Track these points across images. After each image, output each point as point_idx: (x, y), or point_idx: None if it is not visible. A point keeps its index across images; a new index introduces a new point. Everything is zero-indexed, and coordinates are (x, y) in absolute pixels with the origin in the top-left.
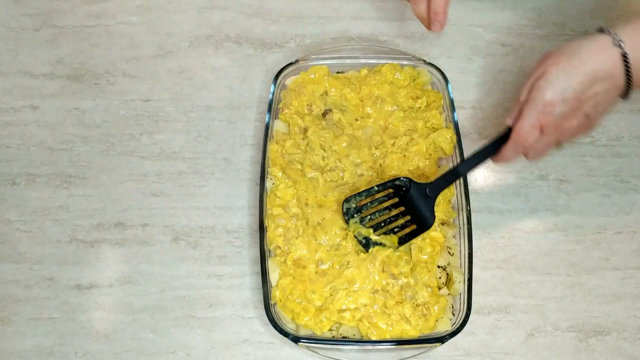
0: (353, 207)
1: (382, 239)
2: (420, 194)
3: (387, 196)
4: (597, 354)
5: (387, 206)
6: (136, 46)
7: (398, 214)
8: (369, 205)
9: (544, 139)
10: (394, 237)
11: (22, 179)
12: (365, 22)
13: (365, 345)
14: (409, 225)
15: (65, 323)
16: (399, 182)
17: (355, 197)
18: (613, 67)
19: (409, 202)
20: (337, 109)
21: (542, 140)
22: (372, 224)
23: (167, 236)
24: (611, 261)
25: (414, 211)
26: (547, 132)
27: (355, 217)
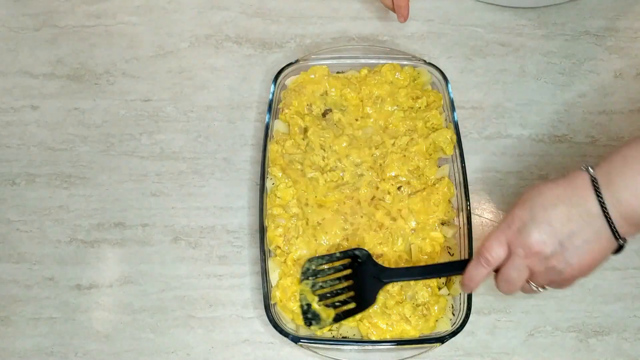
0: (312, 269)
1: (321, 310)
2: (373, 273)
3: (344, 265)
4: (597, 354)
5: (339, 277)
6: (136, 46)
7: (345, 287)
8: (325, 271)
9: (513, 263)
10: (332, 311)
11: (22, 179)
12: (365, 22)
13: (365, 345)
14: (350, 301)
15: (65, 323)
16: (358, 252)
17: (316, 260)
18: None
19: (359, 276)
20: (337, 109)
21: (511, 265)
22: (321, 292)
23: (167, 236)
24: (611, 261)
25: (360, 286)
26: (515, 252)
27: (310, 279)
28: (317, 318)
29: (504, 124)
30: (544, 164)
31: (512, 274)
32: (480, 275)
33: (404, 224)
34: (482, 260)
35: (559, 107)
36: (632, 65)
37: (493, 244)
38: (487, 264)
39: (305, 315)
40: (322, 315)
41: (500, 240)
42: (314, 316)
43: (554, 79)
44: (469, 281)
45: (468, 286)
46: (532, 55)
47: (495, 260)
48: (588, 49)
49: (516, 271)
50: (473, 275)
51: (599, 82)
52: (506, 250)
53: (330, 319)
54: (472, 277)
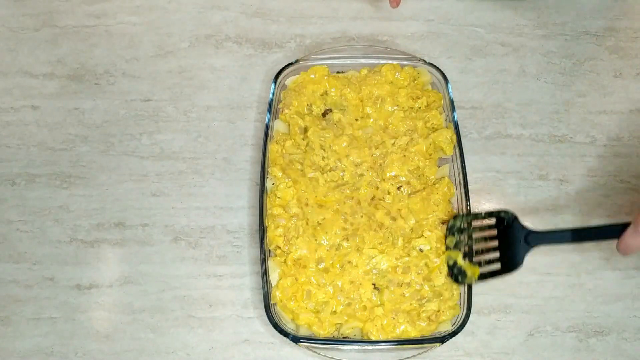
0: (457, 226)
1: (467, 266)
2: (520, 235)
3: (489, 226)
4: (597, 354)
5: (484, 236)
6: (136, 46)
7: (490, 247)
8: (470, 230)
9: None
10: (477, 269)
11: (22, 179)
12: (365, 22)
13: (365, 345)
14: (494, 261)
15: (65, 323)
16: (504, 214)
17: (462, 217)
18: None
19: (505, 238)
20: (337, 109)
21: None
22: (466, 249)
23: (167, 236)
24: (611, 261)
25: (505, 248)
26: None
27: (455, 235)
28: (463, 274)
29: (504, 124)
30: (544, 164)
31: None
32: (636, 244)
33: (403, 224)
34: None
35: (559, 107)
36: (632, 65)
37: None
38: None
39: (451, 270)
40: (468, 272)
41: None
42: (460, 272)
43: (554, 79)
44: (625, 248)
45: (623, 252)
46: (532, 55)
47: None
48: (588, 49)
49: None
50: (629, 243)
51: (599, 82)
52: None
53: (475, 277)
54: (628, 245)
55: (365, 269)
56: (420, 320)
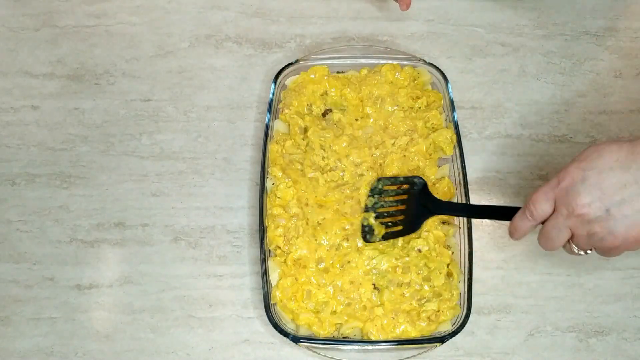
0: (378, 188)
1: (376, 225)
2: (426, 202)
3: (403, 190)
4: (597, 354)
5: (396, 200)
6: (136, 46)
7: (399, 210)
8: (388, 192)
9: (554, 221)
10: (383, 229)
11: (22, 179)
12: (365, 22)
13: (365, 345)
14: (399, 223)
15: (65, 323)
16: (417, 180)
17: (384, 180)
18: None
19: (412, 202)
20: (337, 109)
21: (553, 222)
22: (381, 210)
23: (167, 236)
24: (611, 261)
25: (411, 212)
26: (558, 210)
27: (375, 197)
28: (372, 232)
29: (504, 124)
30: (544, 164)
31: (552, 232)
32: (524, 227)
33: None
34: (527, 213)
35: (559, 107)
36: (632, 65)
37: (539, 198)
38: (531, 217)
39: (363, 228)
40: (375, 231)
41: (547, 195)
42: (370, 230)
43: (554, 79)
44: (514, 230)
45: (513, 235)
46: (532, 55)
47: (540, 215)
48: (588, 49)
49: (556, 230)
50: (518, 225)
51: (599, 82)
52: (552, 206)
53: (379, 236)
54: (516, 227)
55: (365, 269)
56: (420, 320)
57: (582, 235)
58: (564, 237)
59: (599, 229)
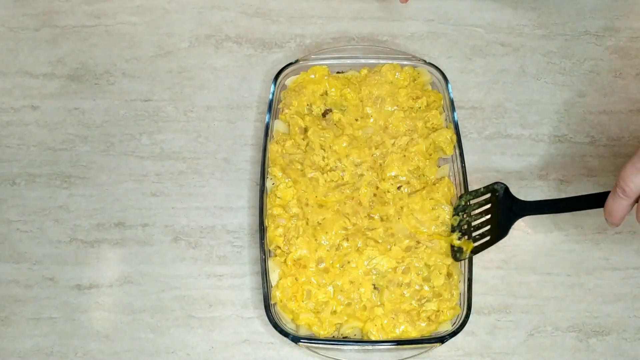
0: (461, 205)
1: (462, 243)
2: (508, 205)
3: (486, 200)
4: (597, 354)
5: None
6: (136, 46)
7: (484, 221)
8: (472, 206)
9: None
10: (471, 244)
11: (22, 179)
12: (365, 22)
13: (365, 345)
14: (486, 234)
15: (65, 323)
16: (497, 186)
17: (466, 195)
18: None
19: (496, 209)
20: (337, 109)
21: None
22: (466, 226)
23: (167, 236)
24: (611, 261)
25: (496, 219)
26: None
27: (459, 215)
28: (460, 251)
29: (504, 124)
30: (544, 164)
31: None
32: (620, 208)
33: (404, 224)
34: (619, 191)
35: (559, 107)
36: (632, 65)
37: (628, 172)
38: (624, 195)
39: (452, 249)
40: (464, 248)
41: (636, 167)
42: (458, 250)
43: (554, 79)
44: (609, 215)
45: (609, 221)
46: (532, 55)
47: (633, 190)
48: (588, 49)
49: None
50: (612, 208)
51: (599, 82)
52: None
53: (468, 251)
54: (611, 211)
55: (365, 269)
56: (420, 320)
57: None
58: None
59: None
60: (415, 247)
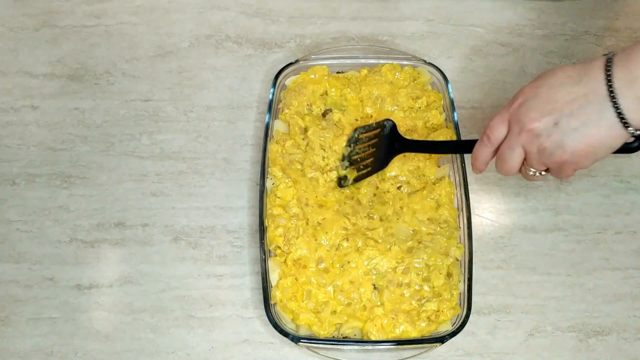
0: (354, 137)
1: (347, 172)
2: (393, 142)
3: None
4: (597, 354)
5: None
6: (136, 46)
7: (369, 153)
8: (363, 139)
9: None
10: (354, 173)
11: (22, 179)
12: (365, 22)
13: (365, 345)
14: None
15: (65, 323)
16: (386, 122)
17: (359, 129)
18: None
19: (381, 143)
20: (337, 109)
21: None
22: (355, 157)
23: (167, 236)
24: (611, 261)
25: (380, 153)
26: (511, 129)
27: (350, 146)
28: (345, 179)
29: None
30: None
31: (506, 152)
32: (484, 154)
33: (404, 224)
34: (485, 139)
35: None
36: None
37: (495, 122)
38: (488, 142)
39: (338, 179)
40: (348, 176)
41: (503, 118)
42: (343, 178)
43: None
44: (475, 160)
45: (474, 165)
46: (532, 55)
47: (496, 138)
48: (588, 49)
49: (509, 150)
50: (478, 154)
51: None
52: (507, 127)
53: (351, 179)
54: (477, 156)
55: (365, 269)
56: (420, 320)
57: (534, 152)
58: (518, 156)
59: (549, 144)
60: (416, 247)
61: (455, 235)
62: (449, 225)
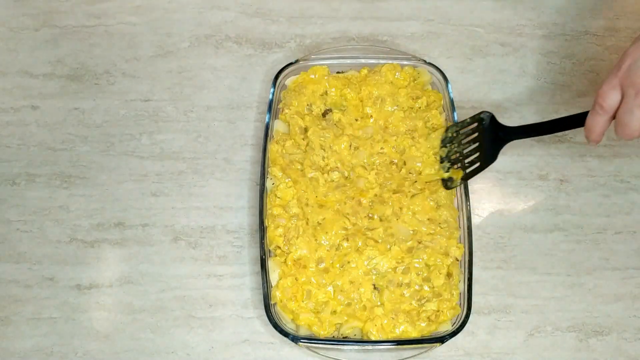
0: (448, 137)
1: (452, 173)
2: (496, 132)
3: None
4: (597, 354)
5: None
6: (136, 46)
7: (472, 149)
8: (459, 137)
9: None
10: (461, 172)
11: (22, 179)
12: (365, 22)
13: (365, 345)
14: (476, 161)
15: (65, 323)
16: (483, 115)
17: (452, 127)
18: None
19: (484, 137)
20: (337, 109)
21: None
22: (455, 156)
23: (167, 236)
24: (611, 261)
25: (485, 147)
26: (626, 93)
27: (447, 147)
28: (451, 180)
29: (503, 124)
30: (544, 164)
31: (625, 117)
32: (598, 124)
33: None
34: (597, 108)
35: (559, 107)
36: None
37: (605, 89)
38: (602, 111)
39: (443, 182)
40: (454, 177)
41: (612, 84)
42: (449, 179)
43: (554, 79)
44: (589, 132)
45: (590, 138)
46: (532, 55)
47: (610, 106)
48: (588, 49)
49: (628, 113)
50: (591, 125)
51: (599, 82)
52: (619, 92)
53: (459, 179)
54: (590, 128)
55: (365, 269)
56: (420, 320)
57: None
58: (638, 118)
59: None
60: (416, 247)
61: (455, 235)
62: (449, 225)
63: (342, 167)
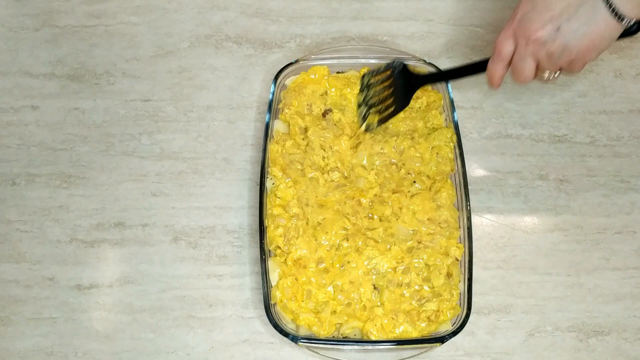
0: (365, 83)
1: (369, 118)
2: (407, 79)
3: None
4: (597, 354)
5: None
6: (136, 46)
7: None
8: (374, 83)
9: (518, 53)
10: (376, 116)
11: (22, 179)
12: (365, 22)
13: (365, 345)
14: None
15: (65, 323)
16: (396, 63)
17: (368, 74)
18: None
19: (396, 83)
20: (337, 109)
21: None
22: (373, 100)
23: (167, 236)
24: (611, 261)
25: (397, 92)
26: (518, 43)
27: (364, 92)
28: (370, 124)
29: (504, 124)
30: (544, 164)
31: (518, 64)
32: (498, 70)
33: (404, 224)
34: (495, 56)
35: (559, 107)
36: (632, 65)
37: (501, 38)
38: (499, 58)
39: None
40: (370, 121)
41: (507, 34)
42: (368, 124)
43: None
44: (491, 77)
45: (491, 81)
46: None
47: (506, 53)
48: None
49: (521, 61)
50: (492, 70)
51: (599, 82)
52: (514, 42)
53: (375, 122)
54: (492, 73)
55: (365, 269)
56: (420, 320)
57: (543, 58)
58: (530, 65)
59: (554, 48)
60: (415, 247)
61: (455, 236)
62: (449, 225)
63: (342, 167)
